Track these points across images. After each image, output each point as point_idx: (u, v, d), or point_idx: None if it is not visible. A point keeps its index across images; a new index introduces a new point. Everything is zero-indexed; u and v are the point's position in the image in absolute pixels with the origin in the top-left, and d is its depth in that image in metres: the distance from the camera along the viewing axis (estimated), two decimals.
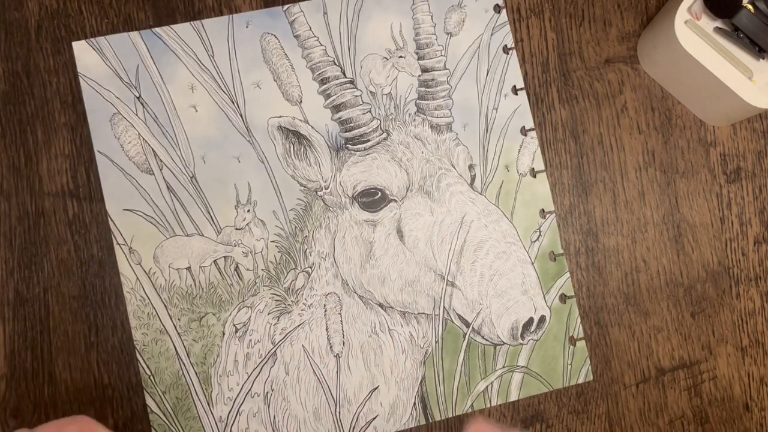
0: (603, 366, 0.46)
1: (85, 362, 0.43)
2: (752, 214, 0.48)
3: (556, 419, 0.45)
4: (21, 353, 0.42)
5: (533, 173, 0.46)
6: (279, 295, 0.44)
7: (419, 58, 0.46)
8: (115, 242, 0.43)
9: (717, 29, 0.45)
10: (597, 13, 0.48)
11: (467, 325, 0.44)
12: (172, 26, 0.45)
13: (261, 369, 0.43)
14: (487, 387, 0.44)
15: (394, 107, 0.45)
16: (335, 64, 0.45)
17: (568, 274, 0.45)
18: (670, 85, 0.47)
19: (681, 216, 0.47)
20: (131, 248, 0.43)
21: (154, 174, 0.44)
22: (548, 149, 0.47)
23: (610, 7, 0.48)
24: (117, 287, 0.43)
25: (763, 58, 0.45)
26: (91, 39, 0.44)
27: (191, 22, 0.45)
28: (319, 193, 0.45)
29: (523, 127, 0.46)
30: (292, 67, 0.45)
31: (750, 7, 0.43)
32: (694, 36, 0.44)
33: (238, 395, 0.43)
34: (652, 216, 0.47)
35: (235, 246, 0.44)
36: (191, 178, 0.44)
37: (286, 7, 0.45)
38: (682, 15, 0.44)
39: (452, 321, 0.44)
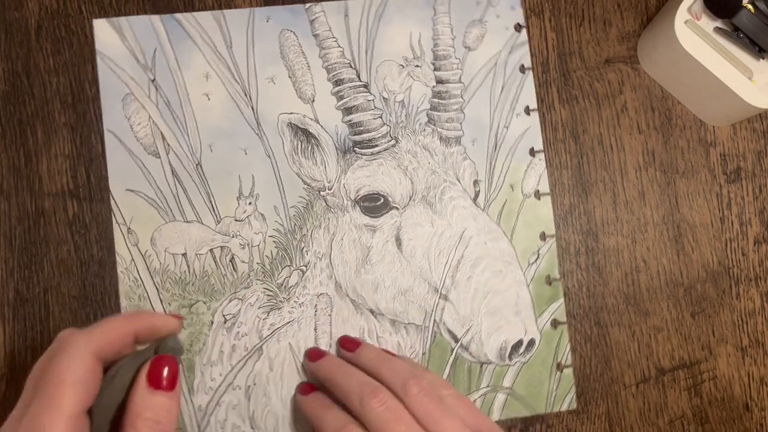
0: (603, 366, 0.46)
1: None
2: (752, 214, 0.48)
3: (556, 419, 0.45)
4: (21, 353, 0.42)
5: (538, 195, 0.46)
6: (271, 291, 0.44)
7: (435, 69, 0.46)
8: (114, 221, 0.43)
9: (717, 29, 0.45)
10: (597, 13, 0.48)
11: (456, 340, 0.44)
12: (193, 13, 0.45)
13: (245, 362, 0.43)
14: None
15: (406, 115, 0.45)
16: (351, 66, 0.45)
17: (562, 300, 0.45)
18: (670, 85, 0.47)
19: (681, 216, 0.47)
20: (130, 228, 0.43)
21: (160, 157, 0.44)
22: (548, 149, 0.47)
23: (610, 7, 0.48)
24: (117, 287, 0.43)
25: (763, 58, 0.45)
26: (112, 18, 0.44)
27: (212, 11, 0.45)
28: (322, 193, 0.44)
29: (532, 148, 0.46)
30: (308, 66, 0.45)
31: (750, 7, 0.43)
32: (694, 36, 0.44)
33: (219, 386, 0.43)
34: (652, 216, 0.47)
35: (232, 237, 0.44)
36: (197, 165, 0.44)
37: (308, 5, 0.45)
38: (682, 15, 0.44)
39: (441, 334, 0.44)
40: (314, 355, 0.42)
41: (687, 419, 0.46)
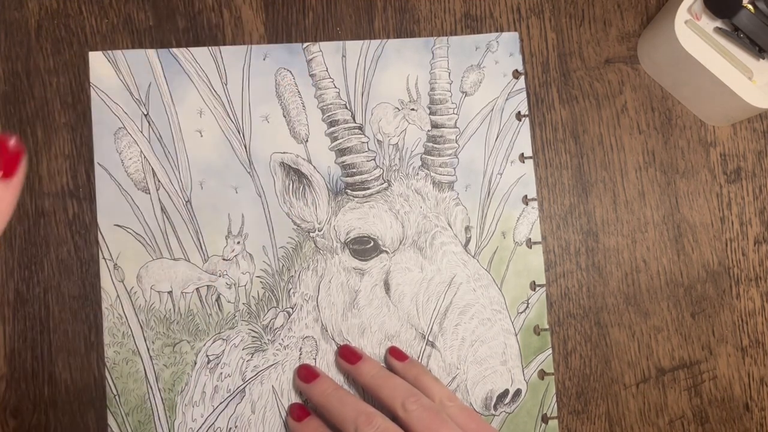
0: (603, 366, 0.46)
1: (85, 362, 0.43)
2: (752, 214, 0.48)
3: (556, 419, 0.45)
4: (21, 353, 0.42)
5: (529, 244, 0.45)
6: (256, 332, 0.43)
7: (431, 113, 0.45)
8: (101, 256, 0.43)
9: (717, 29, 0.45)
10: (597, 13, 0.48)
11: None
12: (189, 48, 0.44)
13: (227, 404, 0.42)
14: None
15: (399, 158, 0.45)
16: (347, 108, 0.45)
17: (550, 351, 0.45)
18: (670, 85, 0.47)
19: (681, 216, 0.47)
20: (116, 264, 0.43)
21: (150, 193, 0.43)
22: (548, 149, 0.47)
23: (610, 7, 0.48)
24: None
25: (763, 58, 0.45)
26: (108, 51, 0.44)
27: (209, 47, 0.44)
28: (311, 234, 0.44)
29: (525, 196, 0.46)
30: (303, 106, 0.45)
31: (750, 7, 0.43)
32: (694, 36, 0.44)
33: (200, 427, 0.42)
34: (652, 216, 0.47)
35: (219, 276, 0.43)
36: (186, 202, 0.43)
37: (305, 44, 0.45)
38: (682, 15, 0.44)
39: None
40: (307, 375, 0.42)
41: (687, 419, 0.46)
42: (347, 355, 0.42)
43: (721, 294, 0.47)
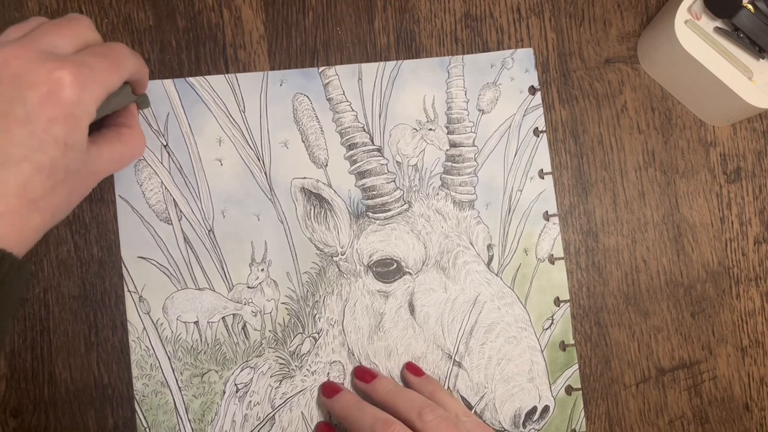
0: (603, 366, 0.46)
1: (85, 362, 0.43)
2: (752, 214, 0.48)
3: None
4: (21, 353, 0.43)
5: (552, 260, 0.45)
6: (283, 359, 0.43)
7: (449, 133, 0.45)
8: (126, 289, 0.43)
9: (717, 29, 0.45)
10: (597, 13, 0.48)
11: (470, 407, 0.43)
12: (206, 77, 0.44)
13: None
14: None
15: (419, 179, 0.45)
16: (364, 130, 0.45)
17: (576, 366, 0.45)
18: (670, 85, 0.47)
19: (681, 216, 0.47)
20: (141, 296, 0.43)
21: (172, 224, 0.43)
22: (548, 149, 0.47)
23: (610, 7, 0.48)
24: (117, 287, 0.43)
25: (763, 58, 0.45)
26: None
27: (226, 75, 0.44)
28: (334, 258, 0.44)
29: (546, 212, 0.46)
30: (322, 130, 0.45)
31: (750, 7, 0.43)
32: (694, 36, 0.44)
33: None
34: (652, 216, 0.47)
35: (245, 304, 0.43)
36: (209, 231, 0.43)
37: (321, 69, 0.45)
38: (682, 15, 0.44)
39: None
40: (330, 390, 0.42)
41: (687, 419, 0.46)
42: (362, 374, 0.42)
43: (721, 294, 0.47)
